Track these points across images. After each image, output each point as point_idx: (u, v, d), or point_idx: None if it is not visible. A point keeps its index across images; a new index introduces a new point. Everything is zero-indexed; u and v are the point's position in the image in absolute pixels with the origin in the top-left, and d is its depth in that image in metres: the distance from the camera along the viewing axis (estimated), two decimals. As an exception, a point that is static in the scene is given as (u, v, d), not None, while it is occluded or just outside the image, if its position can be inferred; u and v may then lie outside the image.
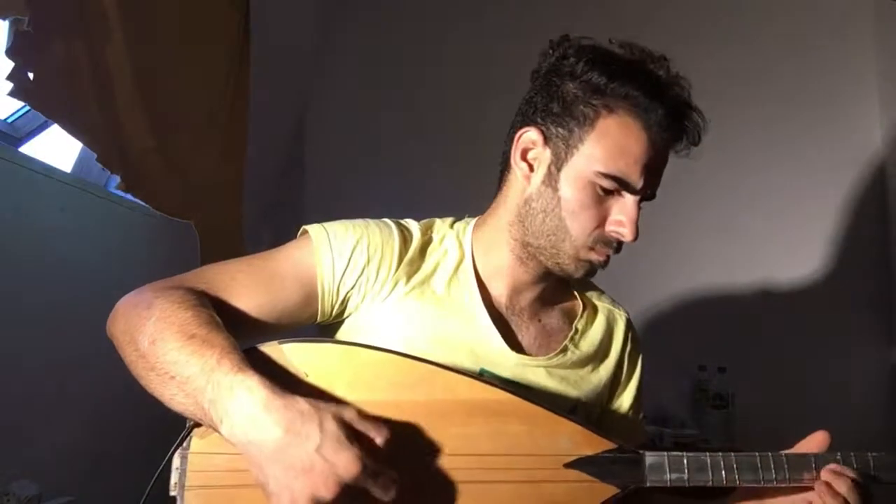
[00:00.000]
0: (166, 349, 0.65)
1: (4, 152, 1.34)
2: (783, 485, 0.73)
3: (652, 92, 0.79)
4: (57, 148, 1.57)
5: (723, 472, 0.72)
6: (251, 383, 0.61)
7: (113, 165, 1.43)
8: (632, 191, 0.80)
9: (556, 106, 0.82)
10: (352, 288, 0.83)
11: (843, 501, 0.71)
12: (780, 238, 2.18)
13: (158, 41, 1.54)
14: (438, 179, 2.29)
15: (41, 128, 1.51)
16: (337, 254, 0.82)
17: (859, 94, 2.20)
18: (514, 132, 0.87)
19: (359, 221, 0.87)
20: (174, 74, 1.63)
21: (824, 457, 0.74)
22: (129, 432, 1.67)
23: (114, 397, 1.63)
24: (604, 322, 0.96)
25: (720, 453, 0.73)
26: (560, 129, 0.82)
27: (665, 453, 0.72)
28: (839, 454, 0.74)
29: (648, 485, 0.72)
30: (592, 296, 0.99)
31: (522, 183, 0.85)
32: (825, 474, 0.73)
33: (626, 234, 0.81)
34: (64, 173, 1.55)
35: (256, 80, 1.96)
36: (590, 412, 0.91)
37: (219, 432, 0.62)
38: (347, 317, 0.85)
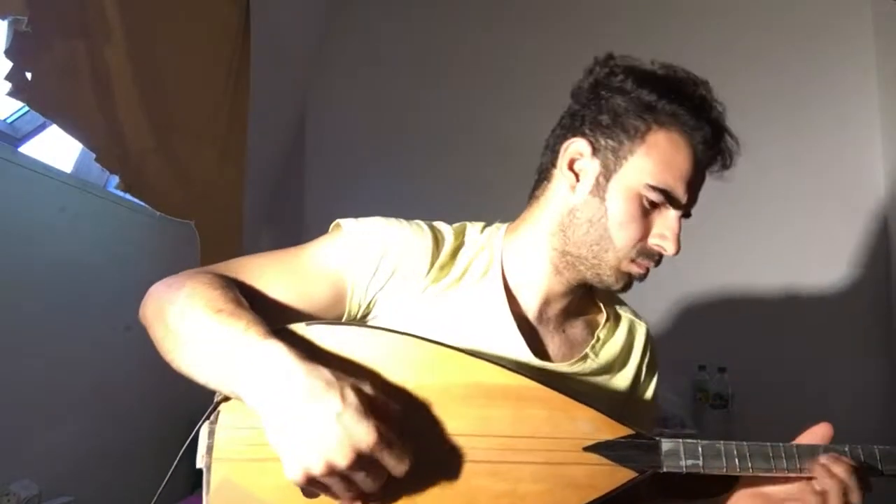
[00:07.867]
0: (194, 318, 0.68)
1: (4, 152, 1.34)
2: (793, 474, 0.75)
3: (697, 112, 0.82)
4: (57, 148, 1.57)
5: (736, 460, 0.73)
6: (277, 349, 0.63)
7: (112, 165, 1.43)
8: (676, 205, 0.83)
9: (606, 118, 0.83)
10: (380, 290, 0.83)
11: (839, 482, 0.72)
12: (780, 239, 2.18)
13: (158, 41, 1.55)
14: (439, 179, 2.29)
15: (41, 128, 1.51)
16: (370, 255, 0.82)
17: (859, 95, 2.20)
18: (560, 143, 0.87)
19: (393, 221, 0.87)
20: (174, 74, 1.63)
21: (832, 448, 0.76)
22: (129, 432, 1.67)
23: (114, 397, 1.63)
24: (625, 332, 0.96)
25: (733, 442, 0.75)
26: (609, 141, 0.83)
27: (680, 440, 0.74)
28: (847, 446, 0.76)
29: (665, 470, 0.73)
30: (616, 306, 1.00)
31: (567, 193, 0.86)
32: (823, 458, 0.74)
33: (670, 247, 0.83)
34: (64, 173, 1.55)
35: (256, 80, 1.96)
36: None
37: (241, 398, 0.64)
38: (374, 316, 0.85)
